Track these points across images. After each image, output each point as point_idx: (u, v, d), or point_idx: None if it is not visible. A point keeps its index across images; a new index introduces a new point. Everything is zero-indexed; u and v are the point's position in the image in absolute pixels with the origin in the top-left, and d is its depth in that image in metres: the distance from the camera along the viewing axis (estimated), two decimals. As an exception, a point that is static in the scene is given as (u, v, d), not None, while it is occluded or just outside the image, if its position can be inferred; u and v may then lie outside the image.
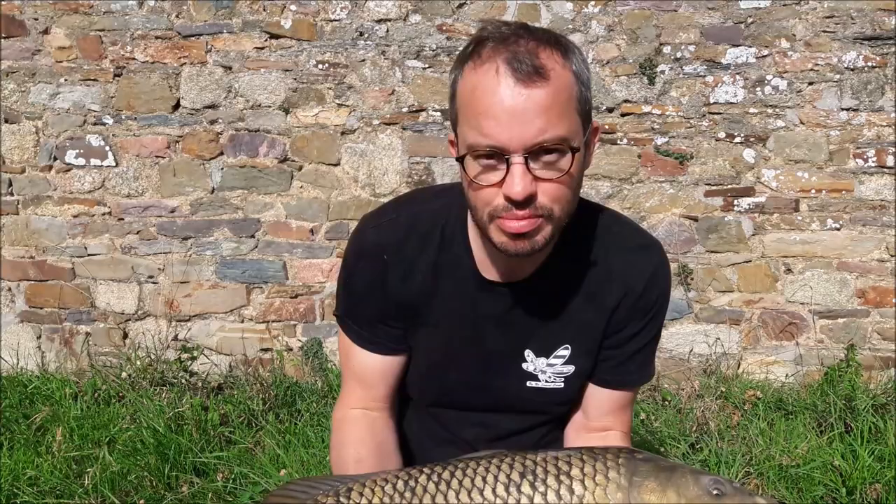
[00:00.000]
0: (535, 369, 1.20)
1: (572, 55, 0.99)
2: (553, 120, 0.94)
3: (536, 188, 0.96)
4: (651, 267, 1.16)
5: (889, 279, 3.10)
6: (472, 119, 0.96)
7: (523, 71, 0.93)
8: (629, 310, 1.17)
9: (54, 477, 2.37)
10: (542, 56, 0.94)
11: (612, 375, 1.22)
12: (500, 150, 0.95)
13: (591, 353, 1.20)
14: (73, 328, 3.37)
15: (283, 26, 3.12)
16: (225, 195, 3.25)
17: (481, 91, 0.95)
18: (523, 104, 0.93)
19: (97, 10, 3.17)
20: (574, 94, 0.97)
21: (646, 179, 3.12)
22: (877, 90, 2.99)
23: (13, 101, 3.26)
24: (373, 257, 1.18)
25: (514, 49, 0.94)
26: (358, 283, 1.21)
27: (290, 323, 3.32)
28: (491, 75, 0.94)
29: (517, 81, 0.93)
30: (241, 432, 2.69)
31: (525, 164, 0.95)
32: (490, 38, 0.96)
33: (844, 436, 2.56)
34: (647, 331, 1.20)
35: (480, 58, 0.96)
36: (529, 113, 0.93)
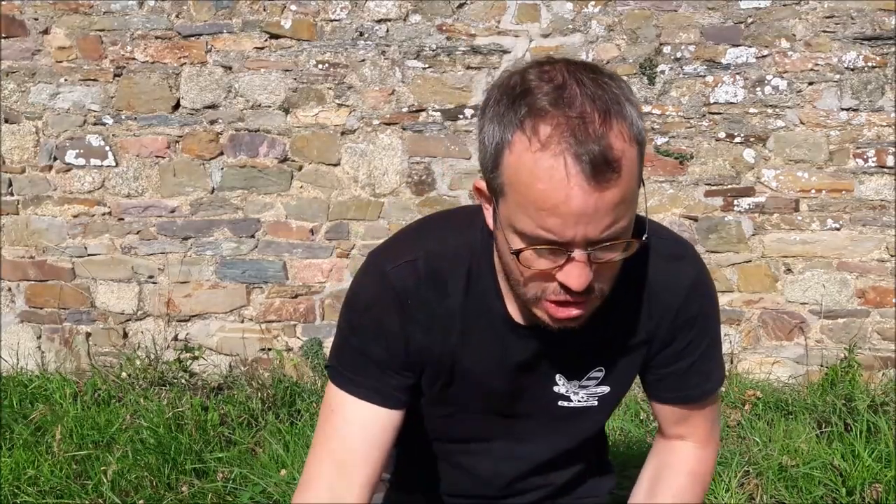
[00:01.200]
0: (566, 391, 1.14)
1: (630, 112, 0.84)
2: (621, 213, 0.84)
3: (592, 276, 0.88)
4: (688, 280, 1.08)
5: (889, 279, 3.10)
6: (532, 210, 0.83)
7: (597, 170, 0.79)
8: (671, 325, 1.09)
9: (54, 477, 2.37)
10: (614, 141, 0.80)
11: (672, 393, 1.16)
12: (563, 245, 0.85)
13: (628, 373, 1.14)
14: (73, 328, 3.37)
15: (283, 26, 3.12)
16: (225, 195, 3.25)
17: (545, 186, 0.81)
18: (594, 205, 0.81)
19: (97, 10, 3.17)
20: (638, 172, 0.86)
21: (646, 179, 3.11)
22: (877, 90, 2.99)
23: (13, 101, 3.26)
24: (394, 302, 1.05)
25: (584, 140, 0.79)
26: (371, 328, 1.06)
27: (290, 323, 3.32)
28: (558, 171, 0.80)
29: (590, 183, 0.80)
30: (241, 432, 2.69)
31: (587, 257, 0.86)
32: (549, 113, 0.81)
33: (844, 436, 2.56)
34: (697, 342, 1.11)
35: (540, 140, 0.80)
36: (600, 214, 0.82)
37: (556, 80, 0.83)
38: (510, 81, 0.87)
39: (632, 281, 1.05)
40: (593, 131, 0.80)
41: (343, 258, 3.25)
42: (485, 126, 0.87)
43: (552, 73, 0.85)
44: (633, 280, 1.05)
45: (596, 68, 0.87)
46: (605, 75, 0.85)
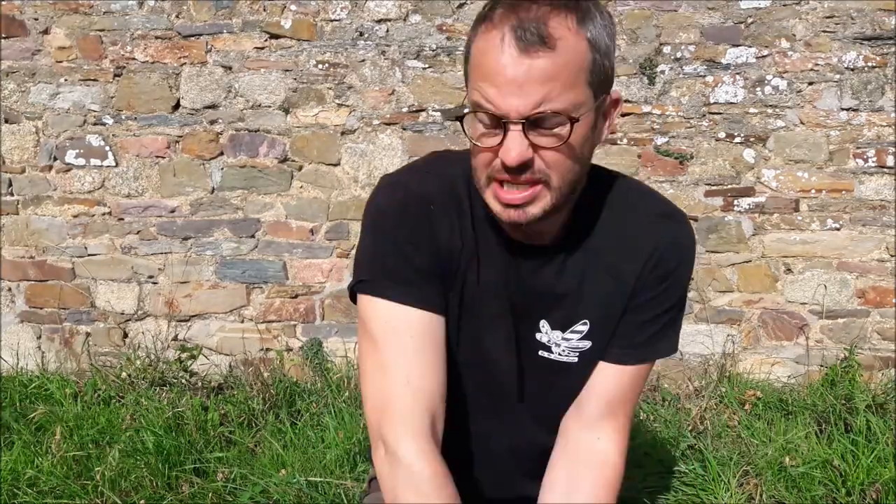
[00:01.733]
0: (548, 341, 1.16)
1: (591, 20, 0.94)
2: (556, 91, 0.92)
3: (533, 155, 0.95)
4: (671, 235, 1.13)
5: (889, 279, 3.10)
6: (478, 82, 0.95)
7: (527, 40, 0.90)
8: (649, 277, 1.12)
9: (54, 477, 2.37)
10: (553, 23, 0.91)
11: (620, 346, 1.15)
12: (499, 116, 0.94)
13: (610, 327, 1.15)
14: (73, 328, 3.37)
15: (283, 26, 3.12)
16: (225, 195, 3.26)
17: (487, 57, 0.93)
18: (524, 74, 0.91)
19: (97, 10, 3.17)
20: (585, 64, 0.94)
21: (646, 179, 3.12)
22: (877, 90, 2.99)
23: (13, 101, 3.26)
24: (419, 206, 1.08)
25: (524, 15, 0.91)
26: (403, 235, 1.07)
27: (290, 323, 3.32)
28: (496, 42, 0.92)
29: (520, 51, 0.90)
30: (241, 432, 2.69)
31: (522, 131, 0.93)
32: (504, 1, 0.94)
33: (844, 436, 2.56)
34: (661, 299, 1.14)
35: (492, 21, 0.94)
36: (530, 84, 0.91)
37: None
38: None
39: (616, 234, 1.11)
40: (535, 13, 0.91)
41: (343, 258, 3.25)
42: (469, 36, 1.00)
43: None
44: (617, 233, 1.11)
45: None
46: None
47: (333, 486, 2.29)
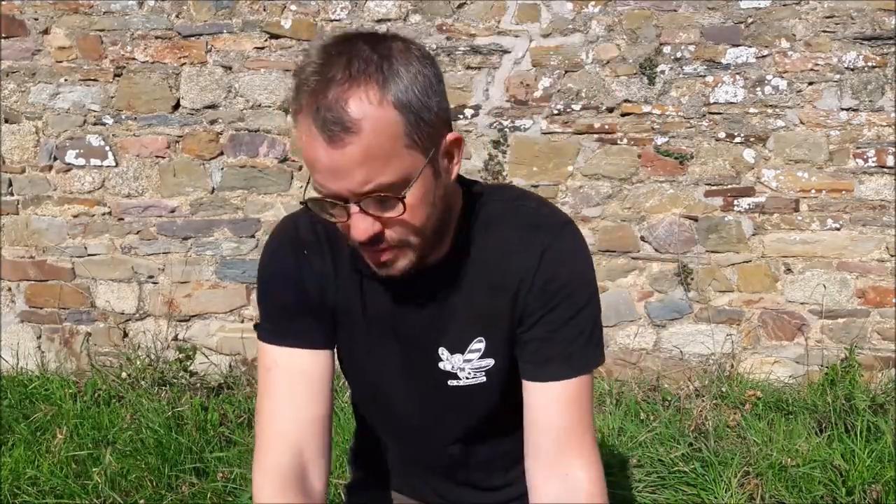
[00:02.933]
0: (452, 367, 1.14)
1: (395, 79, 0.91)
2: (376, 169, 0.91)
3: (381, 228, 0.96)
4: (541, 246, 1.08)
5: (889, 279, 3.10)
6: (308, 166, 0.95)
7: (331, 130, 0.89)
8: (529, 293, 1.09)
9: (54, 477, 2.37)
10: (352, 103, 0.88)
11: (533, 364, 1.11)
12: (336, 199, 0.94)
13: (507, 343, 1.13)
14: (73, 328, 3.37)
15: (283, 26, 3.12)
16: (225, 195, 3.26)
17: (303, 144, 0.93)
18: (340, 162, 0.90)
19: (97, 10, 3.17)
20: (400, 130, 0.92)
21: (646, 179, 3.12)
22: (877, 90, 2.99)
23: (13, 101, 3.26)
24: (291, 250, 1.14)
25: (323, 101, 0.89)
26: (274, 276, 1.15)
27: (290, 323, 3.31)
28: (307, 132, 0.91)
29: (328, 142, 0.90)
30: (241, 432, 2.69)
31: (361, 210, 0.94)
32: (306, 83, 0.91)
33: (844, 436, 2.56)
34: (561, 309, 1.09)
35: (300, 104, 0.92)
36: (346, 170, 0.91)
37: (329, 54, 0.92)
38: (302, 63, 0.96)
39: (494, 248, 1.10)
40: (333, 95, 0.89)
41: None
42: None
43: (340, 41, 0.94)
44: (495, 247, 1.10)
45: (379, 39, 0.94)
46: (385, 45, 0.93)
47: (332, 485, 2.29)
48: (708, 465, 2.43)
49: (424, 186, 0.97)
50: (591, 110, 3.09)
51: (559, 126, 3.09)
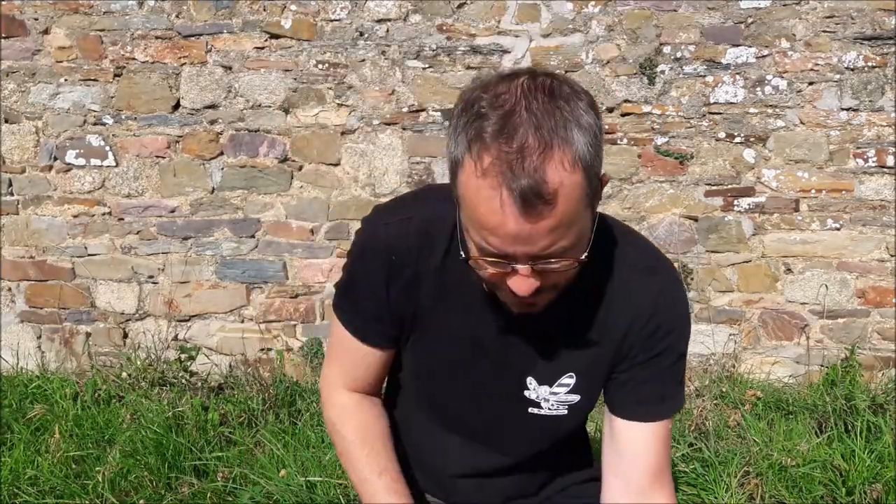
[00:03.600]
0: (537, 397, 1.17)
1: (579, 137, 0.88)
2: (561, 234, 0.90)
3: (541, 280, 0.95)
4: (655, 290, 1.10)
5: (889, 279, 3.10)
6: (477, 227, 0.92)
7: (529, 203, 0.85)
8: (637, 336, 1.11)
9: (54, 477, 2.37)
10: (550, 171, 0.85)
11: (632, 403, 1.16)
12: (506, 258, 0.93)
13: (598, 382, 1.16)
14: (73, 328, 3.37)
15: (283, 26, 3.12)
16: (225, 195, 3.25)
17: (485, 211, 0.89)
18: (528, 231, 0.88)
19: (97, 10, 3.17)
20: (583, 193, 0.90)
21: (646, 179, 3.12)
22: (877, 90, 2.99)
23: (13, 101, 3.26)
24: (380, 256, 1.13)
25: (518, 170, 0.85)
26: (360, 279, 1.17)
27: (290, 323, 3.32)
28: (495, 202, 0.87)
29: (521, 213, 0.86)
30: (241, 432, 2.69)
31: (531, 269, 0.93)
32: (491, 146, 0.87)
33: (844, 436, 2.56)
34: (665, 355, 1.13)
35: (482, 167, 0.87)
36: (535, 237, 0.89)
37: (506, 106, 0.88)
38: (471, 97, 0.92)
39: (602, 289, 1.10)
40: (529, 164, 0.85)
41: (343, 258, 3.24)
42: (451, 134, 0.93)
43: (506, 96, 0.89)
44: (603, 288, 1.10)
45: (554, 89, 0.90)
46: (562, 97, 0.89)
47: (333, 486, 2.29)
48: (708, 465, 2.43)
49: (589, 235, 0.97)
50: (591, 110, 3.08)
51: (559, 126, 3.09)
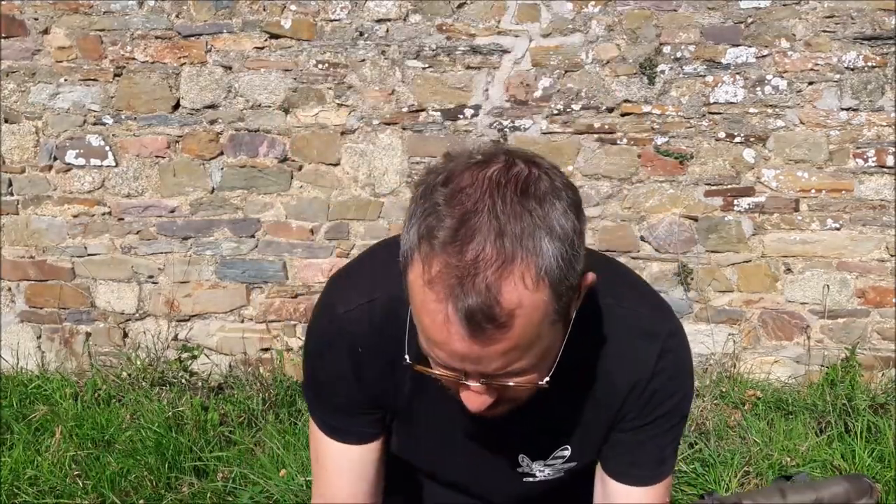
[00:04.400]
0: (531, 470, 1.09)
1: (549, 247, 0.74)
2: (517, 357, 0.78)
3: (496, 395, 0.84)
4: (655, 355, 0.99)
5: (889, 279, 3.10)
6: (423, 335, 0.81)
7: (477, 325, 0.74)
8: (636, 402, 1.02)
9: (54, 477, 2.37)
10: (506, 290, 0.73)
11: (626, 466, 1.07)
12: (457, 372, 0.81)
13: (594, 448, 1.08)
14: (73, 328, 3.37)
15: (283, 26, 3.12)
16: (225, 195, 3.25)
17: (430, 322, 0.77)
18: (477, 352, 0.77)
19: (97, 10, 3.17)
20: (550, 310, 0.77)
21: (646, 179, 3.12)
22: (877, 90, 2.99)
23: (13, 101, 3.26)
24: (342, 349, 1.00)
25: (469, 286, 0.72)
26: (326, 374, 1.04)
27: (290, 323, 3.32)
28: (440, 315, 0.75)
29: (470, 336, 0.75)
30: (241, 432, 2.69)
31: (483, 386, 0.82)
32: (439, 253, 0.74)
33: (844, 436, 2.56)
34: (663, 421, 1.03)
35: (430, 271, 0.74)
36: (486, 360, 0.78)
37: (467, 205, 0.74)
38: (433, 182, 0.79)
39: (596, 359, 0.99)
40: (482, 281, 0.72)
41: (343, 258, 3.25)
42: (406, 220, 0.81)
43: (469, 191, 0.76)
44: (597, 358, 0.99)
45: (529, 185, 0.76)
46: (535, 196, 0.76)
47: (333, 485, 2.29)
48: (708, 466, 2.43)
49: (557, 349, 0.84)
50: (591, 110, 3.09)
51: (559, 126, 3.09)
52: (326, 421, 1.08)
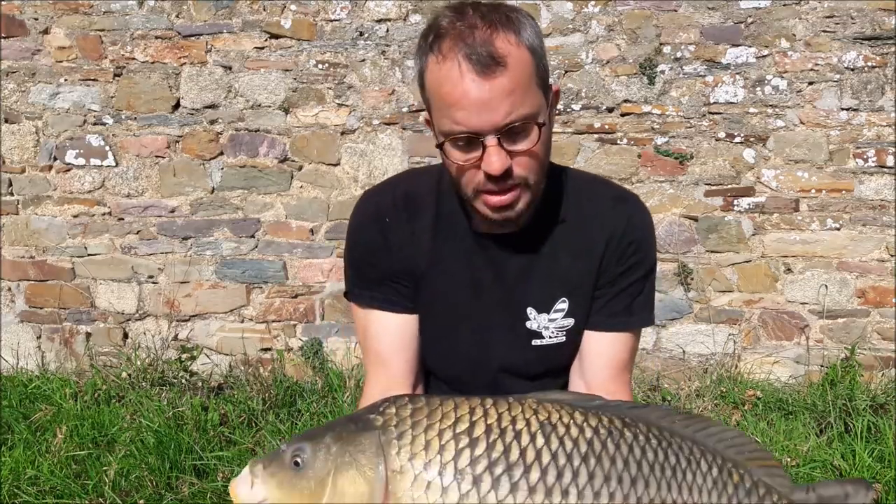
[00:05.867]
0: (538, 326, 1.24)
1: (525, 29, 1.05)
2: (517, 101, 1.03)
3: (511, 162, 1.06)
4: (627, 213, 1.24)
5: (889, 279, 3.10)
6: (444, 110, 1.05)
7: (483, 63, 1.01)
8: (614, 253, 1.23)
9: (54, 477, 2.37)
10: (498, 43, 1.02)
11: (602, 316, 1.25)
12: (474, 134, 1.04)
13: (586, 304, 1.25)
14: (73, 328, 3.37)
15: (283, 26, 3.12)
16: (225, 195, 3.25)
17: (448, 86, 1.03)
18: (488, 94, 1.01)
19: (97, 9, 3.17)
20: (532, 69, 1.05)
21: (646, 179, 3.12)
22: (877, 90, 2.99)
23: (13, 101, 3.26)
24: (374, 221, 1.24)
25: (471, 42, 1.01)
26: (362, 248, 1.27)
27: (290, 323, 3.32)
28: (455, 72, 1.02)
29: (479, 75, 1.01)
30: (241, 432, 2.69)
31: (498, 143, 1.04)
32: (447, 32, 1.04)
33: (844, 436, 2.56)
34: (633, 270, 1.24)
35: (442, 53, 1.03)
36: (495, 101, 1.02)
37: (458, 9, 1.05)
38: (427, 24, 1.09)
39: (577, 219, 1.23)
40: (479, 36, 1.02)
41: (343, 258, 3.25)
42: (415, 61, 1.11)
43: (461, 5, 1.06)
44: (577, 218, 1.23)
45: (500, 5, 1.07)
46: (515, 10, 1.07)
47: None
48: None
49: (547, 128, 1.10)
50: (591, 110, 3.09)
51: (559, 126, 3.09)
52: (370, 294, 1.26)
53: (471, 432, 0.87)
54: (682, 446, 0.92)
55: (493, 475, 0.84)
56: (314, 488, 0.86)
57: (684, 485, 0.91)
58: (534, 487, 0.85)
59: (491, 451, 0.85)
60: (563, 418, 0.90)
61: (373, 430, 0.88)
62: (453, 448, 0.86)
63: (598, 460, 0.88)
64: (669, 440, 0.92)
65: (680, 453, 0.92)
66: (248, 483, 0.90)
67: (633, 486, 0.88)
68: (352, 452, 0.87)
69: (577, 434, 0.89)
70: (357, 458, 0.86)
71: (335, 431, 0.90)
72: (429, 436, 0.87)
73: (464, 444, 0.86)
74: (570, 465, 0.87)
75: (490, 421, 0.88)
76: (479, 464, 0.85)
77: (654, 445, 0.91)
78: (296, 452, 0.88)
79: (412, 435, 0.87)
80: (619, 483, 0.87)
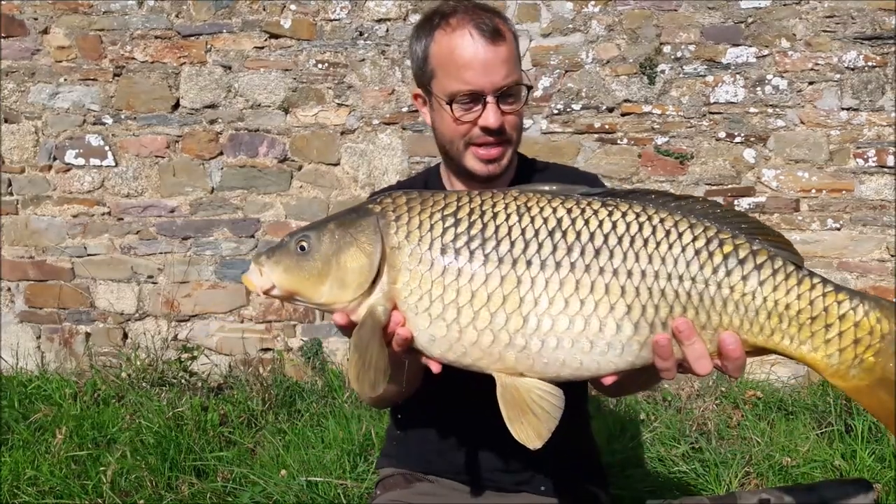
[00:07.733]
0: None
1: (509, 21, 1.34)
2: (511, 68, 1.28)
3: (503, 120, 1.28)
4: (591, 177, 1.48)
5: (889, 279, 3.10)
6: (454, 72, 1.27)
7: (490, 33, 1.25)
8: None
9: (54, 477, 2.37)
10: (497, 23, 1.28)
11: None
12: (478, 92, 1.26)
13: None
14: (72, 328, 3.37)
15: (282, 26, 3.12)
16: (224, 195, 3.25)
17: (460, 49, 1.26)
18: (493, 57, 1.26)
19: (97, 9, 3.17)
20: (516, 51, 1.32)
21: (646, 179, 3.12)
22: (877, 90, 2.99)
23: (13, 101, 3.25)
24: None
25: (478, 19, 1.26)
26: None
27: (290, 323, 3.31)
28: (466, 38, 1.26)
29: (487, 41, 1.25)
30: (241, 432, 2.69)
31: (496, 103, 1.27)
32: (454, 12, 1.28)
33: (844, 436, 2.56)
34: None
35: (451, 25, 1.27)
36: (498, 64, 1.26)
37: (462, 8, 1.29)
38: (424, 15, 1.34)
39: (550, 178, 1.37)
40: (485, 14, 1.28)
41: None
42: (412, 47, 1.34)
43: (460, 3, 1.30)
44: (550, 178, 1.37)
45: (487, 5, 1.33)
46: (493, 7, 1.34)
47: (333, 486, 2.29)
48: (708, 466, 2.43)
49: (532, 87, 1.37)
50: (591, 110, 3.09)
51: (559, 126, 3.09)
52: None
53: (456, 214, 1.02)
54: (664, 220, 1.00)
55: (470, 249, 1.00)
56: (321, 268, 1.01)
57: (656, 254, 0.98)
58: (502, 258, 0.99)
59: (471, 228, 1.01)
60: (539, 202, 1.03)
61: (371, 215, 1.03)
62: (441, 227, 1.01)
63: (563, 234, 0.99)
64: (650, 215, 1.00)
65: (660, 226, 1.00)
66: (257, 274, 1.03)
67: (596, 257, 0.98)
68: (353, 233, 1.02)
69: (549, 213, 1.01)
70: (357, 237, 1.02)
71: (337, 219, 1.05)
72: (422, 217, 1.02)
73: (450, 223, 1.02)
74: (536, 239, 0.99)
75: (473, 205, 1.03)
76: (459, 239, 1.00)
77: (630, 220, 1.00)
78: (300, 240, 1.03)
79: (408, 217, 1.02)
80: (580, 254, 0.98)
